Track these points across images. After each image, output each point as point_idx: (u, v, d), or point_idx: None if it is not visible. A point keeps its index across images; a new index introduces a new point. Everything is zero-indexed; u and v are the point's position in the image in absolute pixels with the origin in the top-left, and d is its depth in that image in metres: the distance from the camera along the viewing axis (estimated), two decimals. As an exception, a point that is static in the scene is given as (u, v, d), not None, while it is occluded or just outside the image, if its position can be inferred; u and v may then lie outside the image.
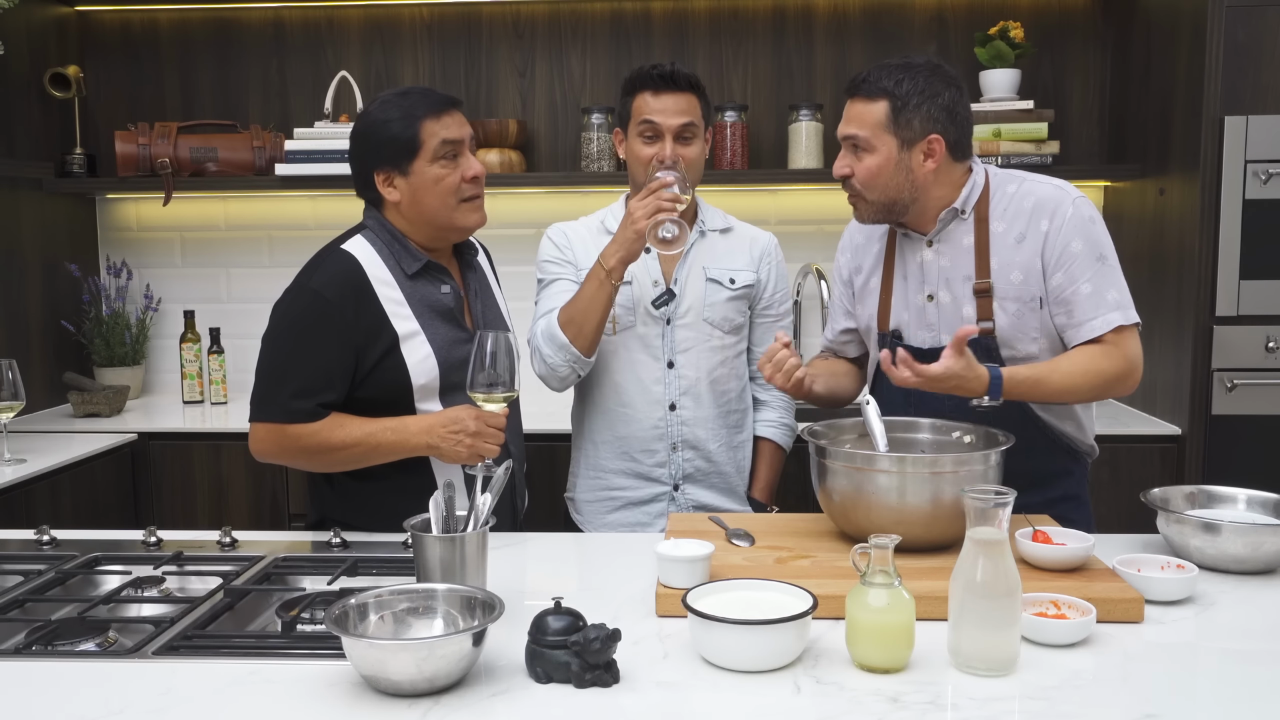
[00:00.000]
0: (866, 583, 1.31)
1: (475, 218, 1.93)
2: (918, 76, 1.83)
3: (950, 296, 1.91)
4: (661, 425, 2.19)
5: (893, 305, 1.98)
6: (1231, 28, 2.71)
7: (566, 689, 1.27)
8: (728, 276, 2.21)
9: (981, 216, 1.89)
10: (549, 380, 2.13)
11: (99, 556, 1.77)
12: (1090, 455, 2.02)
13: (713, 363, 2.20)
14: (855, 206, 1.93)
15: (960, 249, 1.90)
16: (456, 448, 1.78)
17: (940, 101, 1.83)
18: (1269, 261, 2.75)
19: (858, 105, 1.86)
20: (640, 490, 2.21)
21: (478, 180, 1.91)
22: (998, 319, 1.87)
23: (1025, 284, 1.86)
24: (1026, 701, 1.24)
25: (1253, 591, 1.59)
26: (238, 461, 2.96)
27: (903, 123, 1.83)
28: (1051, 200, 1.87)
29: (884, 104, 1.83)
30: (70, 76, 3.26)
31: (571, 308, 2.06)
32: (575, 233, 2.24)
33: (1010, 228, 1.88)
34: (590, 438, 2.24)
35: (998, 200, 1.90)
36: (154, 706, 1.24)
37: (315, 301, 1.83)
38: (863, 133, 1.85)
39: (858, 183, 1.88)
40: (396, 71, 3.46)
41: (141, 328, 3.47)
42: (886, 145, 1.84)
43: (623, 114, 2.19)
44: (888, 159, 1.84)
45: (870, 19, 3.37)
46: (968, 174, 1.91)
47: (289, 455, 1.86)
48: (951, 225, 1.91)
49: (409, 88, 1.94)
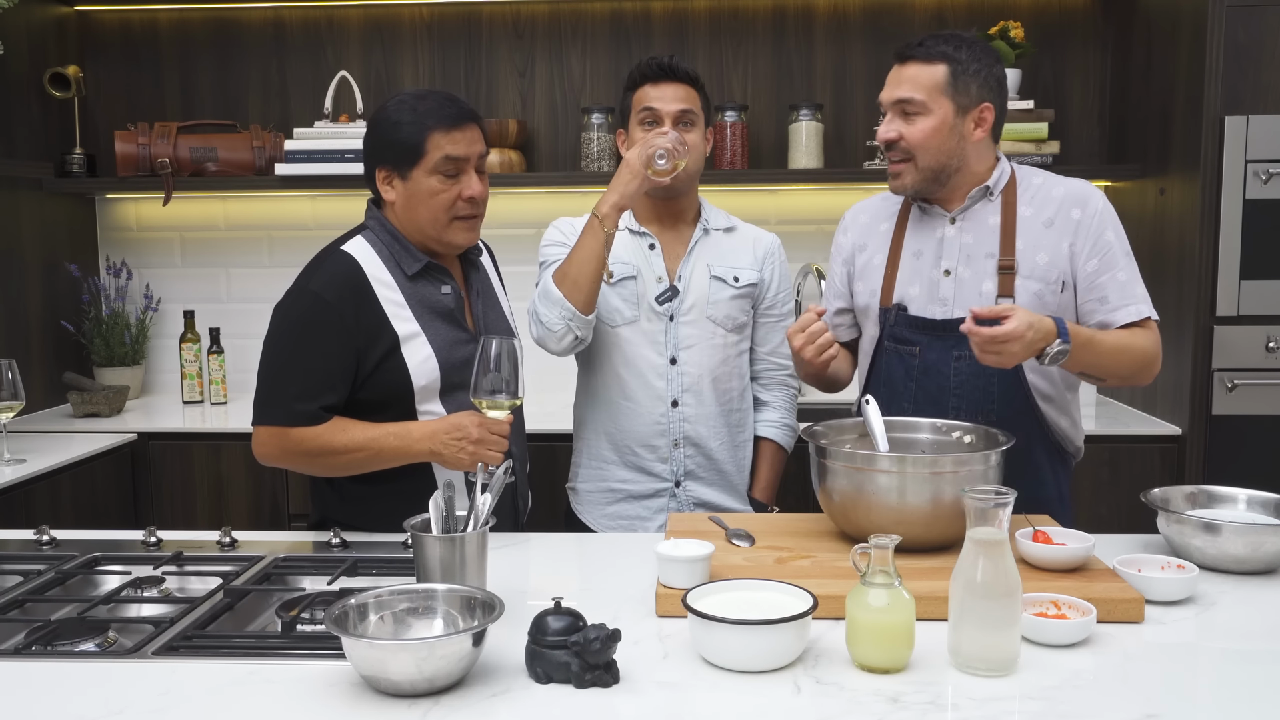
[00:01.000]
0: (866, 583, 1.31)
1: (465, 237, 1.91)
2: (975, 46, 1.89)
3: (970, 272, 1.93)
4: (663, 421, 2.19)
5: (898, 280, 1.99)
6: (1231, 28, 2.71)
7: (566, 689, 1.27)
8: (732, 274, 2.22)
9: (1009, 200, 1.94)
10: (546, 341, 2.09)
11: (99, 556, 1.77)
12: (1075, 457, 2.04)
13: (715, 360, 2.21)
14: (898, 175, 1.91)
15: (985, 227, 1.93)
16: (459, 455, 1.77)
17: (994, 72, 1.89)
18: (1269, 261, 2.75)
19: (911, 68, 1.88)
20: (641, 484, 2.22)
21: (475, 201, 1.89)
22: (1019, 297, 1.89)
23: (1050, 266, 1.89)
24: (1026, 701, 1.24)
25: (1253, 591, 1.59)
26: (238, 461, 2.96)
27: (960, 87, 1.86)
28: (1082, 192, 1.93)
29: (943, 67, 1.86)
30: (70, 76, 3.26)
31: (566, 263, 2.06)
32: (578, 227, 2.24)
33: (1039, 212, 1.92)
34: (592, 430, 2.25)
35: (1024, 188, 1.95)
36: (154, 706, 1.24)
37: (315, 303, 1.83)
38: (919, 95, 1.86)
39: (910, 145, 1.88)
40: (396, 71, 3.46)
41: (141, 328, 3.47)
42: (943, 108, 1.86)
43: (624, 111, 2.20)
44: (943, 122, 1.86)
45: (870, 19, 3.37)
46: (997, 161, 1.96)
47: (292, 459, 1.86)
48: (979, 204, 1.95)
49: (431, 91, 1.90)
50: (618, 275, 2.17)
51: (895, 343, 1.98)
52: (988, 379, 1.89)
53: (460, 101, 1.89)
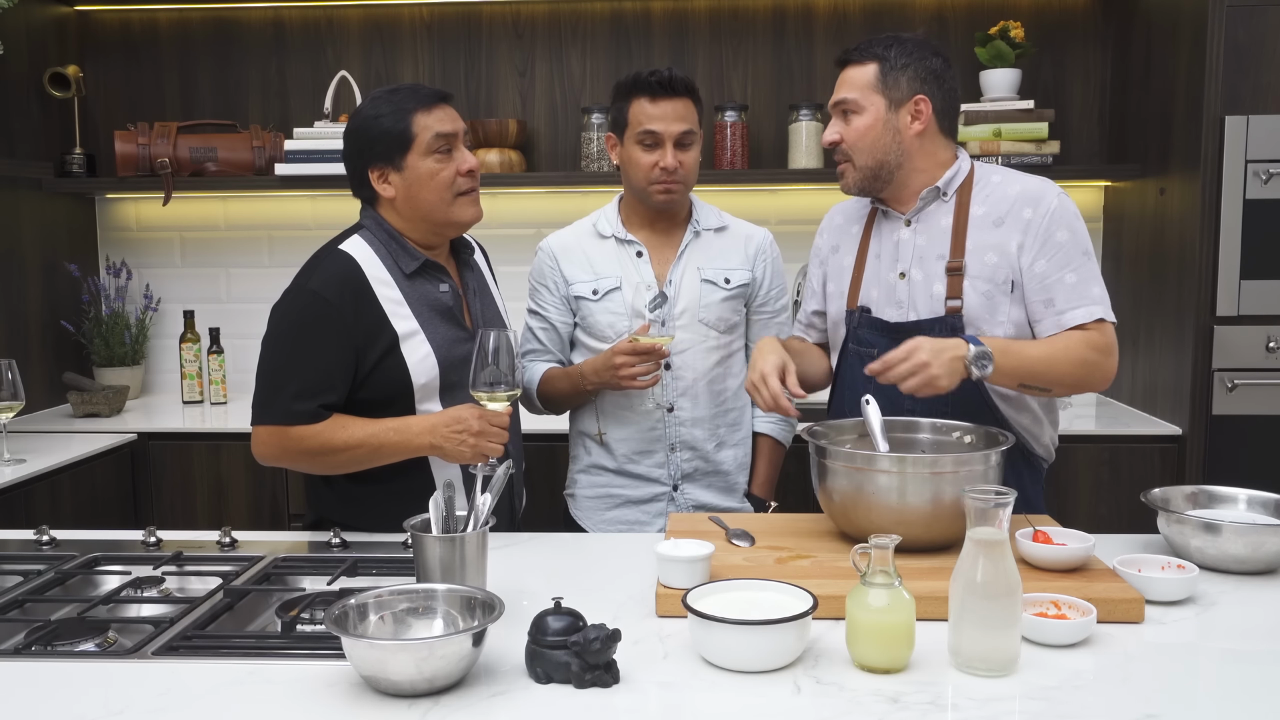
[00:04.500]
0: (866, 583, 1.31)
1: (472, 212, 1.93)
2: (906, 43, 1.91)
3: (922, 274, 1.92)
4: (659, 427, 2.19)
5: (863, 283, 2.00)
6: (1231, 28, 2.71)
7: (566, 689, 1.27)
8: (722, 276, 2.21)
9: (963, 200, 1.92)
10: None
11: (99, 557, 1.77)
12: (1046, 460, 2.00)
13: (709, 363, 2.20)
14: (843, 175, 1.96)
15: (937, 229, 1.92)
16: (460, 447, 1.77)
17: (928, 65, 1.90)
18: (1269, 261, 2.75)
19: (848, 71, 1.94)
20: (639, 490, 2.22)
21: (473, 174, 1.91)
22: (967, 298, 1.88)
23: (999, 266, 1.87)
24: (1026, 702, 1.24)
25: (1253, 591, 1.59)
26: (237, 461, 2.96)
27: (890, 82, 1.89)
28: (1036, 190, 1.89)
29: (873, 66, 1.90)
30: (70, 76, 3.26)
31: (550, 389, 2.20)
32: (565, 245, 2.25)
33: (990, 211, 1.90)
34: (588, 437, 2.25)
35: (981, 187, 1.93)
36: (154, 706, 1.24)
37: (314, 302, 1.83)
38: (852, 94, 1.91)
39: (847, 146, 1.92)
40: (396, 71, 3.46)
41: (141, 328, 3.47)
42: (875, 105, 1.89)
43: (617, 119, 2.18)
44: (876, 118, 1.89)
45: (870, 19, 3.37)
46: (954, 159, 1.95)
47: (292, 458, 1.86)
48: (932, 205, 1.94)
49: (398, 85, 1.94)
50: (601, 290, 2.20)
51: (857, 344, 1.99)
52: None
53: (430, 86, 1.93)
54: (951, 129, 1.94)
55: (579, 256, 2.22)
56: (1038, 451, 1.98)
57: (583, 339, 2.23)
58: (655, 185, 2.13)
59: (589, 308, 2.20)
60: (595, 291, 2.19)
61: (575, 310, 2.23)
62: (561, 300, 2.23)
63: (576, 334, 2.25)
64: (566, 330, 2.25)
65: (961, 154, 1.96)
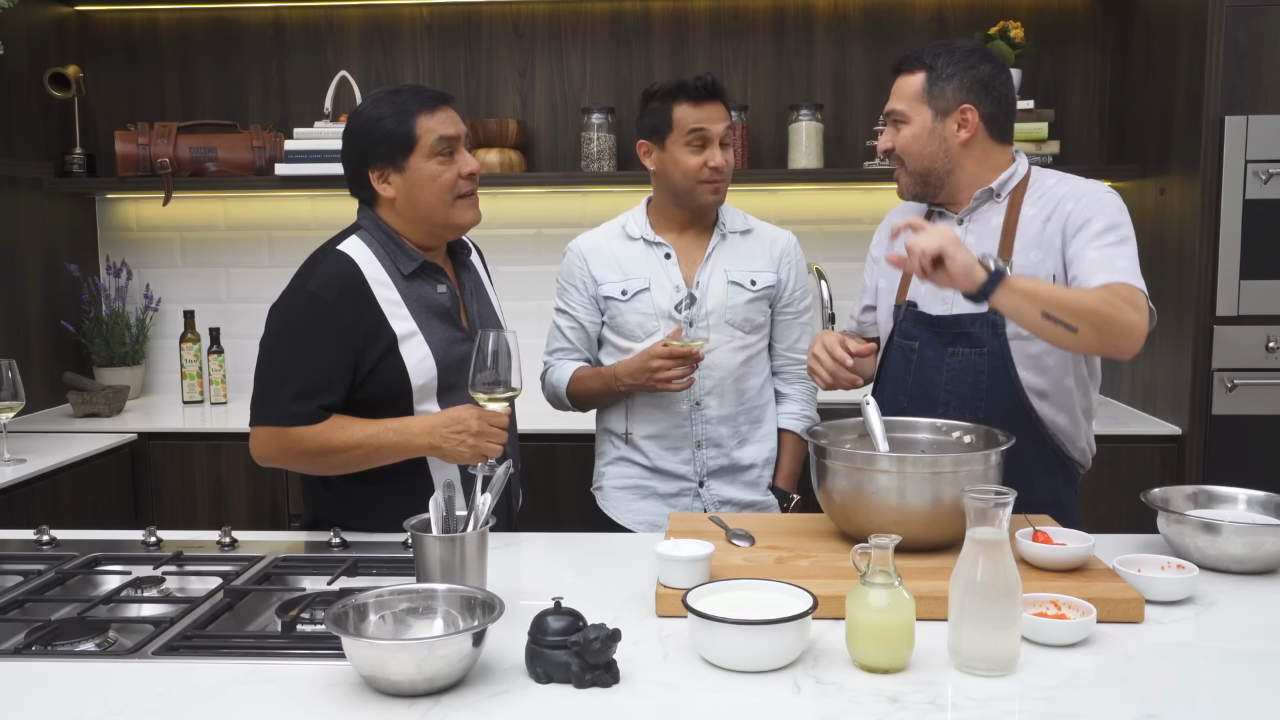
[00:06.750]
0: (866, 583, 1.31)
1: (471, 215, 1.93)
2: (955, 51, 1.93)
3: None
4: (686, 425, 2.24)
5: (913, 278, 2.01)
6: (1231, 28, 2.71)
7: (566, 689, 1.27)
8: (749, 278, 2.26)
9: (1015, 201, 1.94)
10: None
11: (99, 556, 1.77)
12: (1082, 466, 2.01)
13: (736, 362, 2.25)
14: (898, 181, 2.01)
15: (989, 228, 1.95)
16: (459, 448, 1.77)
17: (975, 74, 1.91)
18: (1269, 261, 2.75)
19: (899, 80, 1.97)
20: (665, 485, 2.27)
21: (474, 177, 1.91)
22: None
23: (1042, 262, 1.88)
24: (1026, 701, 1.24)
25: (1253, 591, 1.59)
26: (237, 461, 2.96)
27: (936, 92, 1.91)
28: (1084, 188, 1.91)
29: (920, 76, 1.93)
30: (70, 76, 3.26)
31: (581, 387, 2.25)
32: (595, 246, 2.29)
33: (1039, 211, 1.92)
34: (616, 433, 2.30)
35: (1035, 190, 1.95)
36: (154, 706, 1.24)
37: (313, 303, 1.83)
38: (900, 105, 1.94)
39: (899, 153, 1.96)
40: (396, 71, 3.46)
41: (141, 328, 3.47)
42: (921, 115, 1.92)
43: (657, 125, 2.20)
44: (922, 128, 1.92)
45: (870, 19, 3.36)
46: (1010, 161, 1.96)
47: (290, 458, 1.86)
48: (985, 206, 1.96)
49: (400, 85, 1.94)
50: (630, 291, 2.24)
51: (901, 338, 2.02)
52: (977, 375, 1.90)
53: (431, 87, 1.93)
54: (1004, 134, 1.95)
55: (608, 257, 2.27)
56: (1073, 455, 1.98)
57: (611, 338, 2.28)
58: (705, 184, 2.18)
59: (618, 307, 2.24)
60: (624, 292, 2.23)
61: (603, 310, 2.27)
62: (590, 300, 2.27)
63: (604, 333, 2.29)
64: (594, 329, 2.29)
65: (1020, 157, 1.98)
